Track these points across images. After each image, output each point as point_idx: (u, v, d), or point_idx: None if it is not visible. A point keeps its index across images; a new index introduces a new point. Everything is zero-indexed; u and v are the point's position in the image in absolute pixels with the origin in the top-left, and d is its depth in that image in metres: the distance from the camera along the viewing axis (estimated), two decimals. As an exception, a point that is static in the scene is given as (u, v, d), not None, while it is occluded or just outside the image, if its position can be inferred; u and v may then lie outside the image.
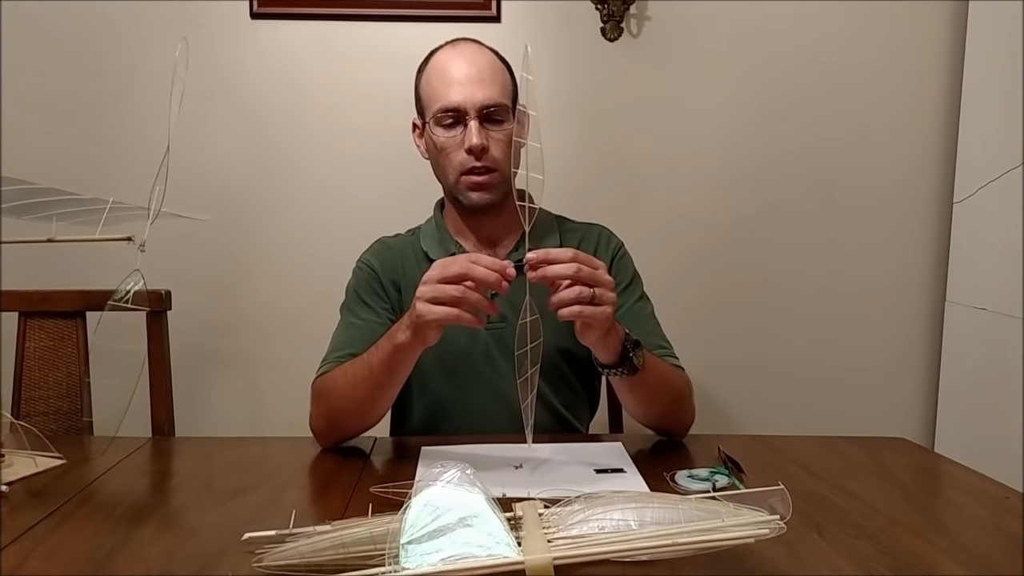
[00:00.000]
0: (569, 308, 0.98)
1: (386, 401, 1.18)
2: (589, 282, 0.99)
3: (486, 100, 1.24)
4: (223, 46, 1.89)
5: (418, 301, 1.01)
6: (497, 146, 1.26)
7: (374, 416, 1.19)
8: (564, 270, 0.98)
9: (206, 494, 0.99)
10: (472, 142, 1.23)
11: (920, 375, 2.03)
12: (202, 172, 1.88)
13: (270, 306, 1.95)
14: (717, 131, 1.97)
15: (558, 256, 0.99)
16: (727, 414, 2.02)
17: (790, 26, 1.95)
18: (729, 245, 1.99)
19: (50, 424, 1.44)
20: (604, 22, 1.90)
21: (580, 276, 0.98)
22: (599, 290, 0.99)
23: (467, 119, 1.24)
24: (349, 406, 1.16)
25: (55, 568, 0.76)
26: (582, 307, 0.98)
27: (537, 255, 0.99)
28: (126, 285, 1.00)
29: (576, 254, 1.00)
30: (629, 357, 1.10)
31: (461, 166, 1.26)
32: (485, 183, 1.26)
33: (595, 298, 0.99)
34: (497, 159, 1.26)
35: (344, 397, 1.16)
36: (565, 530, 0.72)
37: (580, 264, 0.98)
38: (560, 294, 0.99)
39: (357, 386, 1.14)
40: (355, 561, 0.69)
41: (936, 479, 1.13)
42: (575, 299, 0.98)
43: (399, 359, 1.10)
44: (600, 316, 1.00)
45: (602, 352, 1.10)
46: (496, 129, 1.26)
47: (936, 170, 1.99)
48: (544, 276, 0.99)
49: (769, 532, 0.68)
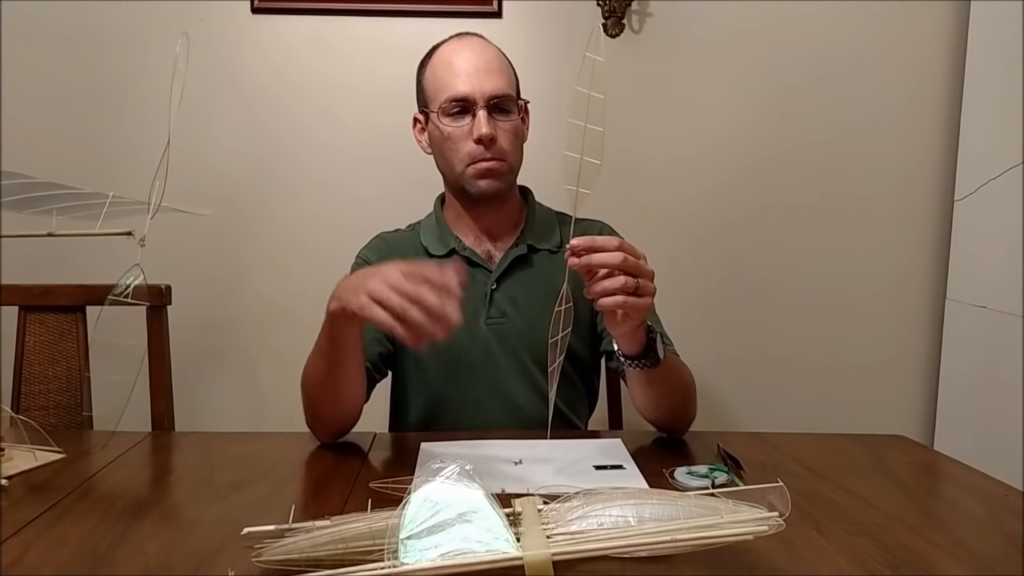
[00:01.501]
0: (612, 298, 0.96)
1: (347, 380, 1.13)
2: (633, 272, 0.97)
3: (494, 90, 1.24)
4: (224, 41, 1.89)
5: (361, 291, 0.96)
6: (505, 137, 1.26)
7: (345, 400, 1.15)
8: (610, 259, 0.97)
9: (206, 489, 0.99)
10: (482, 131, 1.23)
11: (920, 373, 2.03)
12: (202, 167, 1.87)
13: (270, 301, 1.95)
14: (718, 128, 1.96)
15: (604, 244, 0.98)
16: (727, 411, 2.02)
17: (791, 23, 1.94)
18: (729, 241, 1.99)
19: (50, 418, 1.44)
20: (606, 18, 1.89)
21: (625, 265, 0.97)
22: (642, 280, 0.98)
23: (475, 109, 1.24)
24: (316, 392, 1.15)
25: (55, 562, 0.76)
26: (626, 297, 0.97)
27: (583, 242, 0.97)
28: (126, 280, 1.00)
29: (621, 243, 0.99)
30: (653, 349, 1.09)
31: (469, 156, 1.26)
32: (495, 169, 1.26)
33: (638, 288, 0.97)
34: (505, 150, 1.26)
35: (312, 384, 1.16)
36: (564, 526, 0.72)
37: (626, 253, 0.97)
38: (604, 283, 0.97)
39: (316, 370, 1.14)
40: (354, 556, 0.68)
41: (935, 477, 1.13)
42: (620, 288, 0.96)
43: (338, 330, 1.06)
44: (642, 307, 0.99)
45: (629, 343, 1.09)
46: (503, 119, 1.26)
47: (937, 167, 1.99)
48: (590, 263, 0.97)
49: (768, 529, 0.68)
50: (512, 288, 1.33)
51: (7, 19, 1.85)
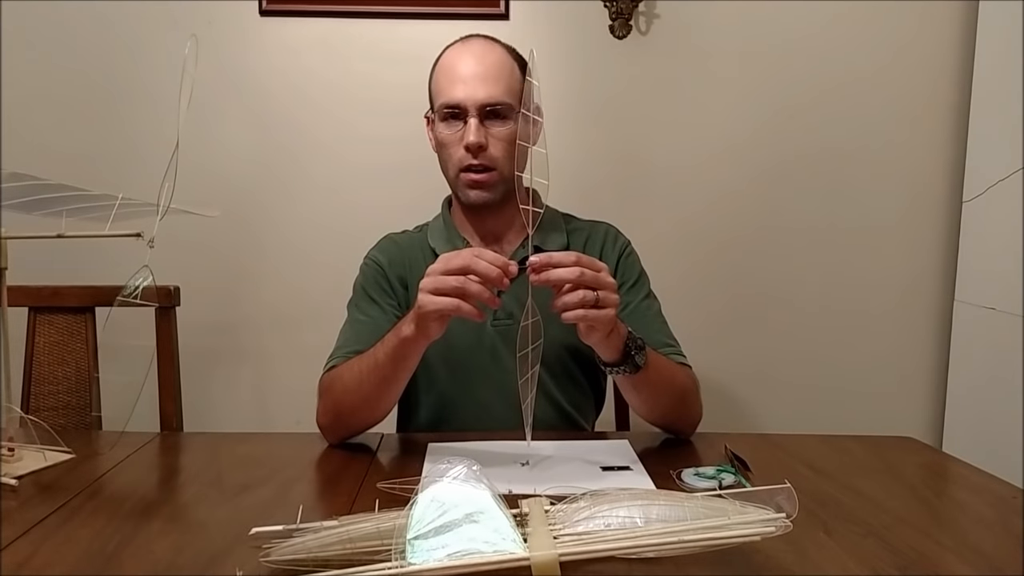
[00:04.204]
0: (573, 312, 0.98)
1: (392, 396, 1.18)
2: (592, 285, 0.99)
3: (488, 98, 1.24)
4: (232, 43, 1.90)
5: (420, 292, 1.02)
6: (497, 145, 1.26)
7: (380, 411, 1.19)
8: (567, 274, 0.98)
9: (214, 489, 0.99)
10: (469, 139, 1.23)
11: (928, 374, 2.03)
12: (211, 169, 1.88)
13: (279, 302, 1.96)
14: (726, 130, 1.96)
15: (561, 260, 0.99)
16: (734, 412, 2.02)
17: (799, 25, 1.94)
18: (738, 242, 1.99)
19: (59, 419, 1.45)
20: (613, 20, 1.89)
21: (583, 280, 0.98)
22: (602, 293, 0.99)
23: (468, 116, 1.24)
24: (355, 401, 1.16)
25: (64, 562, 0.76)
26: (586, 311, 0.98)
27: (540, 259, 0.99)
28: (135, 281, 1.01)
29: (579, 257, 1.00)
30: (631, 355, 1.10)
31: (460, 162, 1.27)
32: (482, 181, 1.27)
33: (598, 301, 0.99)
34: (495, 157, 1.26)
35: (350, 392, 1.16)
36: (571, 527, 0.72)
37: (583, 268, 0.98)
38: (564, 298, 0.99)
39: (363, 381, 1.15)
40: (362, 556, 0.69)
41: (943, 478, 1.12)
42: (579, 303, 0.98)
43: (404, 353, 1.10)
44: (603, 319, 1.00)
45: (605, 351, 1.10)
46: (498, 127, 1.26)
47: (945, 169, 1.98)
48: (547, 279, 0.99)
49: (775, 530, 0.68)
50: (519, 290, 1.32)
51: (15, 21, 1.86)
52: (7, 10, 1.85)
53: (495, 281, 0.99)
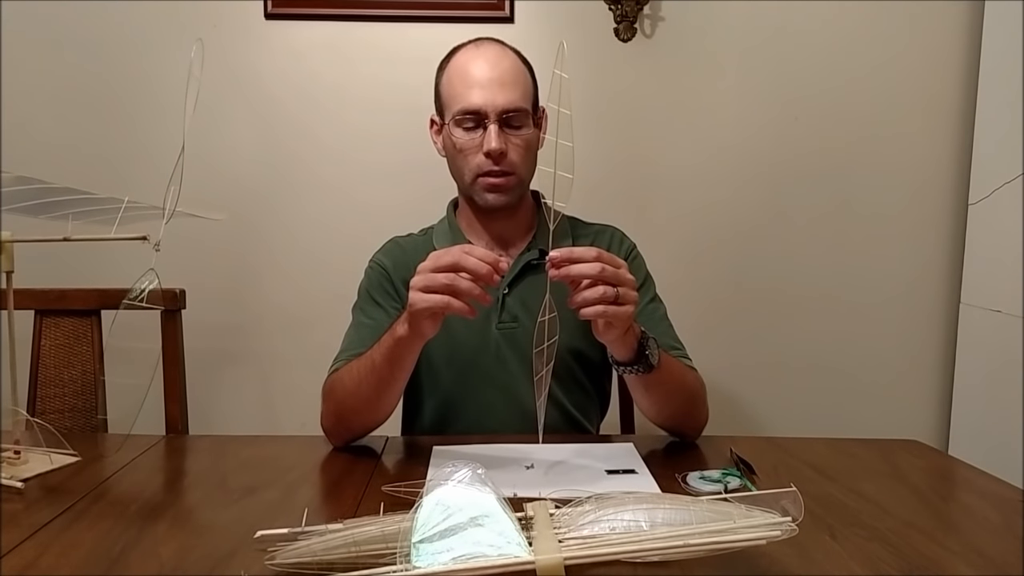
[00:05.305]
0: (593, 308, 0.98)
1: (391, 397, 1.18)
2: (612, 281, 0.98)
3: (507, 104, 1.24)
4: (238, 46, 1.91)
5: (411, 290, 1.02)
6: (515, 150, 1.26)
7: (381, 413, 1.19)
8: (588, 269, 0.97)
9: (219, 492, 0.99)
10: (491, 146, 1.23)
11: (934, 377, 2.02)
12: (217, 172, 1.89)
13: (284, 305, 1.96)
14: (730, 131, 1.96)
15: (582, 255, 0.98)
16: (739, 415, 2.01)
17: (804, 26, 1.94)
18: (743, 244, 1.99)
19: (65, 421, 1.45)
20: (618, 22, 1.90)
21: (604, 275, 0.97)
22: (622, 289, 0.99)
23: (487, 122, 1.24)
24: (355, 403, 1.17)
25: (69, 564, 0.76)
26: (606, 307, 0.97)
27: (561, 253, 0.98)
28: (141, 284, 1.01)
29: (600, 253, 0.99)
30: (645, 355, 1.10)
31: (478, 168, 1.26)
32: (502, 185, 1.27)
33: (618, 297, 0.98)
34: (515, 163, 1.26)
35: (350, 394, 1.16)
36: (576, 530, 0.72)
37: (604, 263, 0.98)
38: (584, 293, 0.98)
39: (362, 382, 1.15)
40: (367, 560, 0.69)
41: (949, 481, 1.12)
42: (599, 299, 0.97)
43: (400, 353, 1.10)
44: (623, 315, 1.00)
45: (619, 350, 1.09)
46: (515, 133, 1.26)
47: (951, 171, 1.98)
48: (568, 274, 0.98)
49: (781, 534, 0.68)
50: (524, 293, 1.33)
51: (20, 24, 1.87)
52: (13, 12, 1.86)
53: (485, 278, 0.99)
